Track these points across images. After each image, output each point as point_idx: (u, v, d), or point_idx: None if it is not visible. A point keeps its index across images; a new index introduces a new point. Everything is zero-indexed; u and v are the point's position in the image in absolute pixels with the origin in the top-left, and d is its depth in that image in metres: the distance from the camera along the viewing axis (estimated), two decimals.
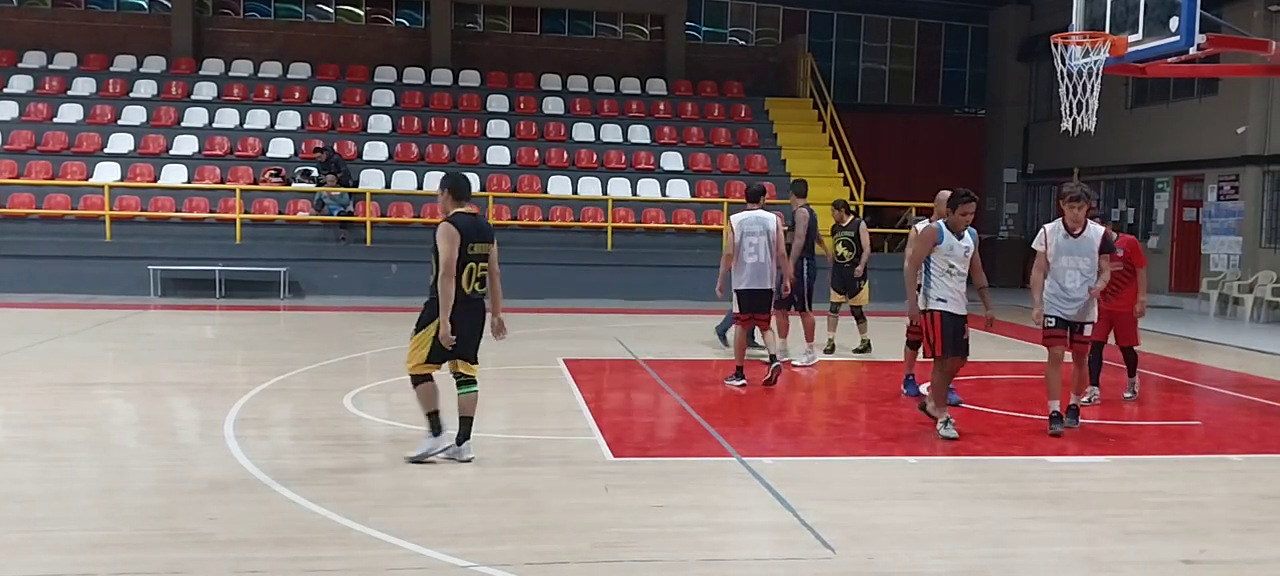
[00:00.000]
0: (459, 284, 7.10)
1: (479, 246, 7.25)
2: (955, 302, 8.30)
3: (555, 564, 5.25)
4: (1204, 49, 11.05)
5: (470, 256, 7.16)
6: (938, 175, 27.69)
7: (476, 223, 7.31)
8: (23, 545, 5.41)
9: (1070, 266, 8.46)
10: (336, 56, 26.09)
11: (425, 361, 7.28)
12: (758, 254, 10.49)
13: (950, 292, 8.29)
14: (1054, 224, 8.68)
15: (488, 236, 7.36)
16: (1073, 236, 8.45)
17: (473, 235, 7.18)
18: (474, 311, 7.28)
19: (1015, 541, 5.83)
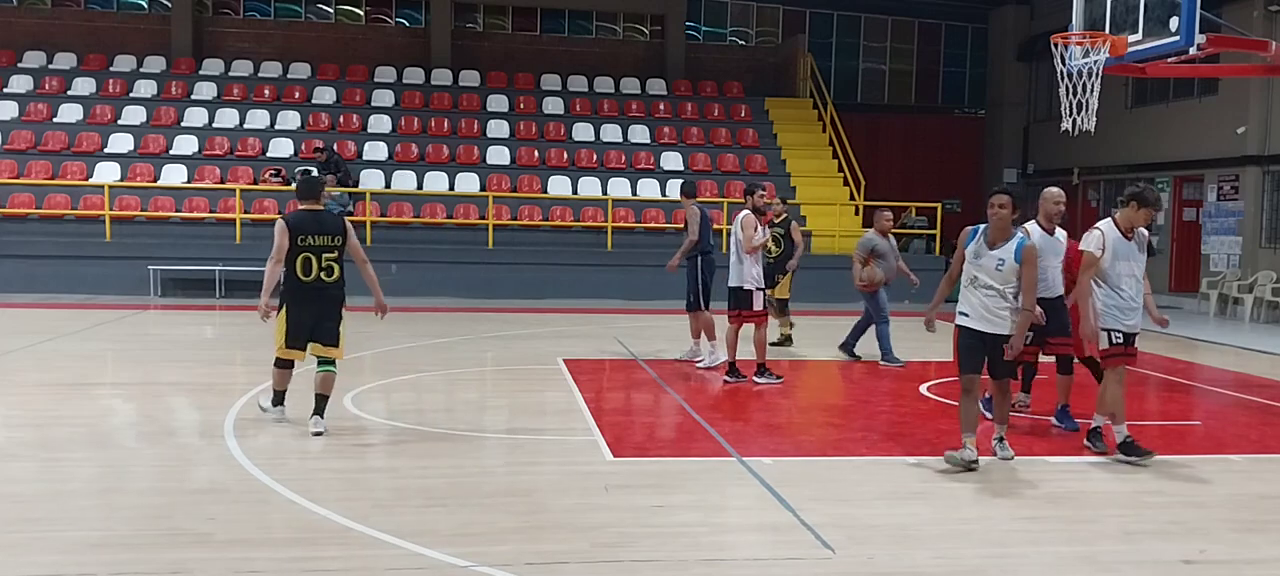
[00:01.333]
0: (297, 273, 7.99)
1: (317, 239, 8.08)
2: (979, 318, 7.26)
3: (555, 564, 5.25)
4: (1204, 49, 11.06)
5: (304, 248, 8.01)
6: (937, 175, 27.82)
7: (316, 218, 8.16)
8: (22, 545, 5.40)
9: (1127, 273, 7.76)
10: (336, 56, 26.10)
11: (285, 345, 8.14)
12: (734, 251, 11.22)
13: (973, 307, 7.29)
14: (1107, 223, 7.87)
15: (330, 230, 8.17)
16: (1126, 239, 7.79)
17: (309, 229, 8.04)
18: (317, 298, 8.11)
19: (1015, 541, 5.83)
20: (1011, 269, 7.13)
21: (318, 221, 8.16)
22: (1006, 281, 7.15)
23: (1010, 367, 7.54)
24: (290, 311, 8.12)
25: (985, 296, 7.22)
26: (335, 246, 8.18)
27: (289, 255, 7.99)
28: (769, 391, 10.60)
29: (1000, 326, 7.20)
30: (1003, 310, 7.20)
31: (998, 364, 7.37)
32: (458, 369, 11.69)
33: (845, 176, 23.08)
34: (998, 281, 7.15)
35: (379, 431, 8.51)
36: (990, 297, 7.20)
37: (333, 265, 8.18)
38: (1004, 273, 7.12)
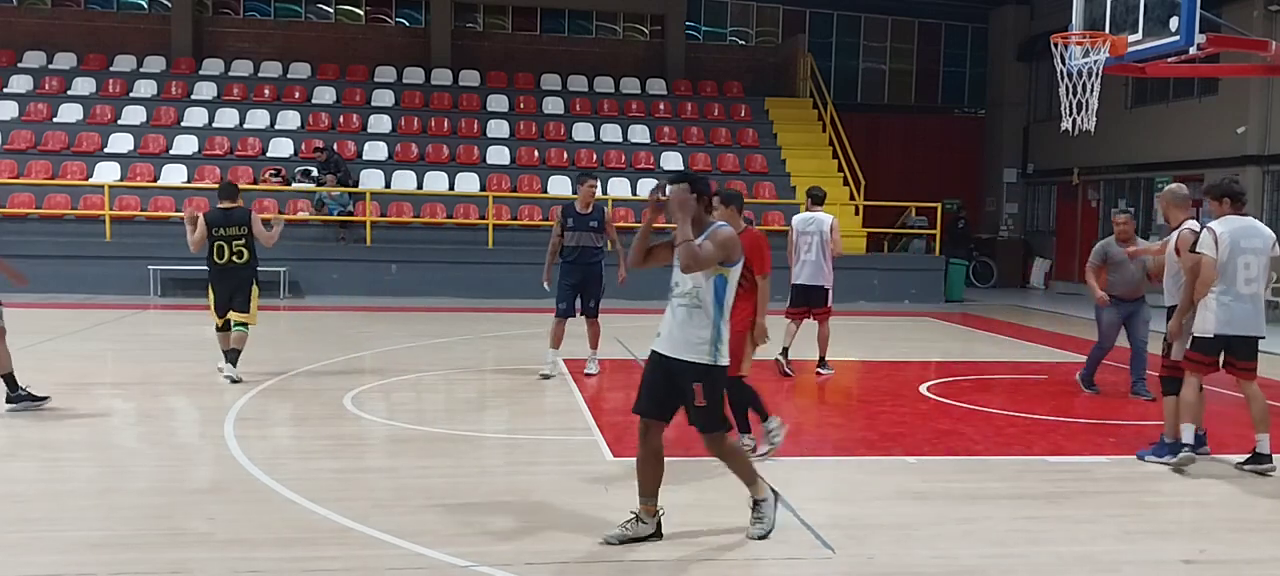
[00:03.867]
0: (213, 257, 10.21)
1: (226, 230, 10.17)
2: None
3: (555, 564, 5.25)
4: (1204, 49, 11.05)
5: (217, 237, 10.16)
6: (937, 175, 27.81)
7: (225, 213, 10.22)
8: (22, 545, 5.40)
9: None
10: (336, 56, 26.10)
11: (216, 315, 10.40)
12: (811, 252, 11.42)
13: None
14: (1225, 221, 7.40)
15: (236, 221, 10.23)
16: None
17: (216, 223, 10.17)
18: (230, 276, 10.25)
19: (1015, 541, 5.83)
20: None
21: (226, 216, 10.22)
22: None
23: None
24: (212, 288, 10.35)
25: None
26: (243, 235, 10.21)
27: (207, 243, 10.18)
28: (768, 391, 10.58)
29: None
30: None
31: None
32: (458, 369, 11.69)
33: (845, 176, 23.07)
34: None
35: (379, 431, 8.51)
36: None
37: (242, 250, 10.23)
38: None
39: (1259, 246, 7.25)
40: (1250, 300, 7.23)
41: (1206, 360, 7.32)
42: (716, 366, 5.47)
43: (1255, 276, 7.20)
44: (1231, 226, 7.28)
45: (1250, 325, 7.27)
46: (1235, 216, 7.38)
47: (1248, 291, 7.20)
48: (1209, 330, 7.24)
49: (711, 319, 5.46)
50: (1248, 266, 7.18)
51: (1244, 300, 7.20)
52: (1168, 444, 7.58)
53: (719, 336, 5.46)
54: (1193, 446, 7.31)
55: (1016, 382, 11.75)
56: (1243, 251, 7.18)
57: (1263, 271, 7.25)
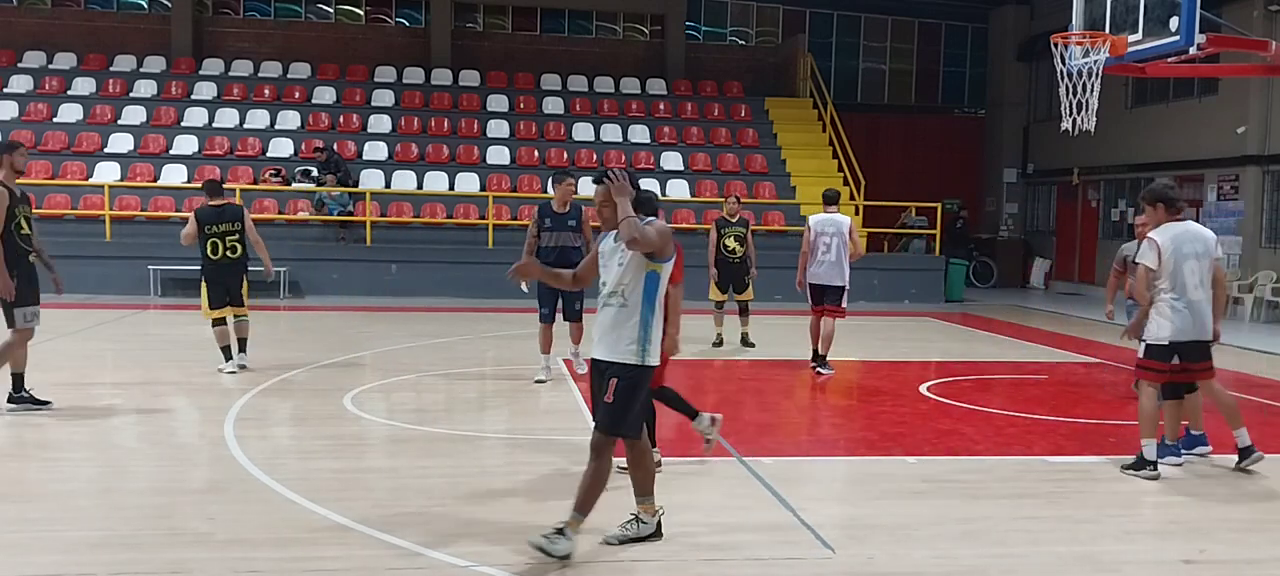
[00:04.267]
0: (208, 254, 10.53)
1: (220, 227, 10.57)
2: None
3: (555, 563, 5.24)
4: (1204, 49, 11.06)
5: (211, 234, 10.53)
6: (937, 175, 27.81)
7: (217, 210, 10.59)
8: (23, 545, 5.41)
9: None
10: (336, 56, 26.10)
11: (211, 309, 10.72)
12: (830, 253, 11.54)
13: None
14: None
15: (228, 218, 10.64)
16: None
17: (210, 220, 10.53)
18: (225, 270, 10.64)
19: (1015, 541, 5.83)
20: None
21: (219, 213, 10.60)
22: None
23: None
24: (210, 284, 10.65)
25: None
26: (237, 231, 10.62)
27: (201, 240, 10.51)
28: (769, 390, 10.61)
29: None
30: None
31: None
32: (458, 369, 11.69)
33: (845, 176, 23.07)
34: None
35: (379, 431, 8.51)
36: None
37: (236, 245, 10.61)
38: None
39: (1201, 250, 7.24)
40: (1201, 305, 7.21)
41: (1163, 367, 7.29)
42: (642, 367, 5.30)
43: (1200, 281, 7.20)
44: (1172, 233, 7.25)
45: (1202, 329, 7.24)
46: (1174, 222, 7.33)
47: (1197, 296, 7.19)
48: (1164, 337, 7.20)
49: (640, 318, 5.30)
50: (1193, 271, 7.17)
51: (1195, 305, 7.18)
52: (1169, 447, 7.56)
53: (648, 336, 5.30)
54: (1154, 462, 7.22)
55: (1016, 382, 11.75)
56: (1186, 257, 7.17)
57: (1207, 274, 7.24)
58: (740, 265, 13.36)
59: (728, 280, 13.42)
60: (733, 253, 13.32)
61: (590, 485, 5.32)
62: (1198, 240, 7.25)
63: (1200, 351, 7.32)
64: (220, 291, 10.67)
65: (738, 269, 13.37)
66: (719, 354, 13.19)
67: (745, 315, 13.61)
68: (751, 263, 13.46)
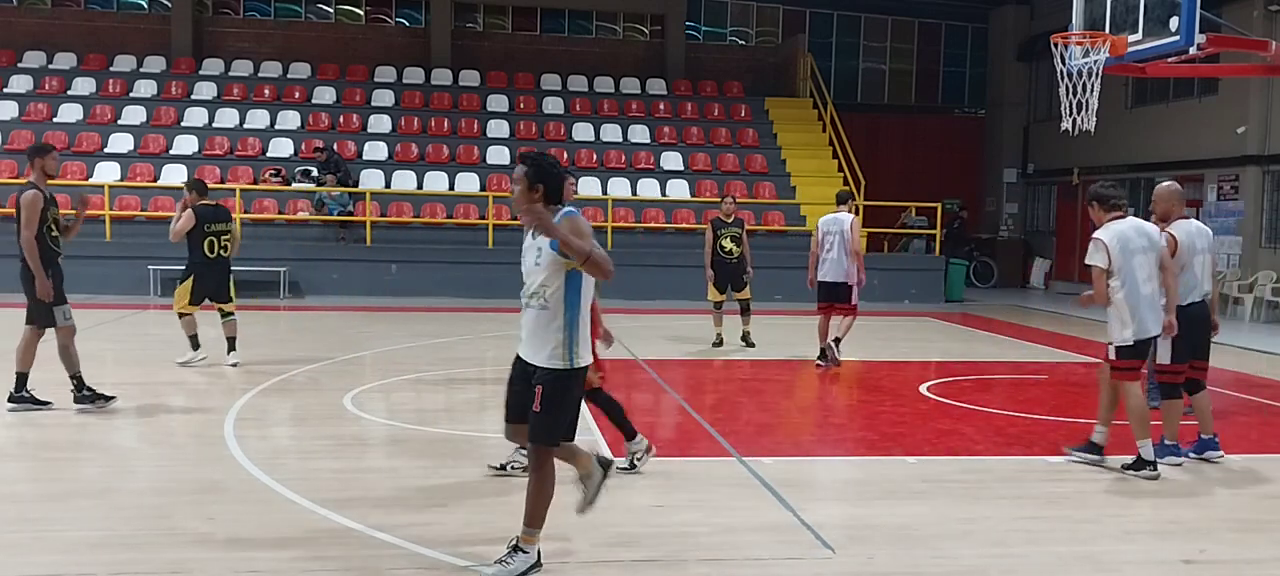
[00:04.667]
0: (204, 250, 10.86)
1: (215, 226, 10.91)
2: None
3: (555, 563, 5.24)
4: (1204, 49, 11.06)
5: (208, 233, 10.84)
6: (937, 175, 27.81)
7: (214, 210, 10.99)
8: (23, 545, 5.40)
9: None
10: (336, 56, 26.09)
11: (191, 303, 11.05)
12: (833, 250, 11.81)
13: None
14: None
15: (223, 217, 11.08)
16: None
17: (209, 219, 10.86)
18: (217, 268, 11.03)
19: (1015, 541, 5.83)
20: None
21: (216, 212, 11.01)
22: None
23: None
24: (197, 279, 10.94)
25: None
26: (228, 230, 11.05)
27: (198, 238, 10.78)
28: (769, 390, 10.62)
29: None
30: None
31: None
32: (458, 369, 11.69)
33: (845, 176, 23.06)
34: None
35: (379, 431, 8.51)
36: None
37: (227, 244, 11.08)
38: None
39: (1145, 245, 7.29)
40: (1152, 300, 7.27)
41: (1136, 364, 7.34)
42: (571, 371, 5.01)
43: (1150, 276, 7.27)
44: (1116, 230, 7.29)
45: (1155, 324, 7.30)
46: (1118, 221, 7.37)
47: (1146, 290, 7.24)
48: (1129, 337, 7.24)
49: (563, 320, 5.00)
50: (1141, 266, 7.23)
51: (1148, 299, 7.24)
52: (1170, 447, 7.55)
53: (573, 338, 5.00)
54: (1152, 462, 7.20)
55: (1016, 382, 11.75)
56: (1133, 253, 7.22)
57: (1155, 270, 7.31)
58: (737, 265, 13.36)
59: (725, 280, 13.42)
60: (730, 253, 13.32)
61: (536, 496, 5.09)
62: (1143, 235, 7.33)
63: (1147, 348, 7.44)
64: (204, 288, 11.01)
65: (735, 269, 13.37)
66: (719, 354, 13.19)
67: (746, 314, 13.59)
68: (748, 263, 13.45)
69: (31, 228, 8.56)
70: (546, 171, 5.02)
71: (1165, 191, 8.00)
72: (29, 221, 8.58)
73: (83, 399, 8.74)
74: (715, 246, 13.34)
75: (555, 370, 4.99)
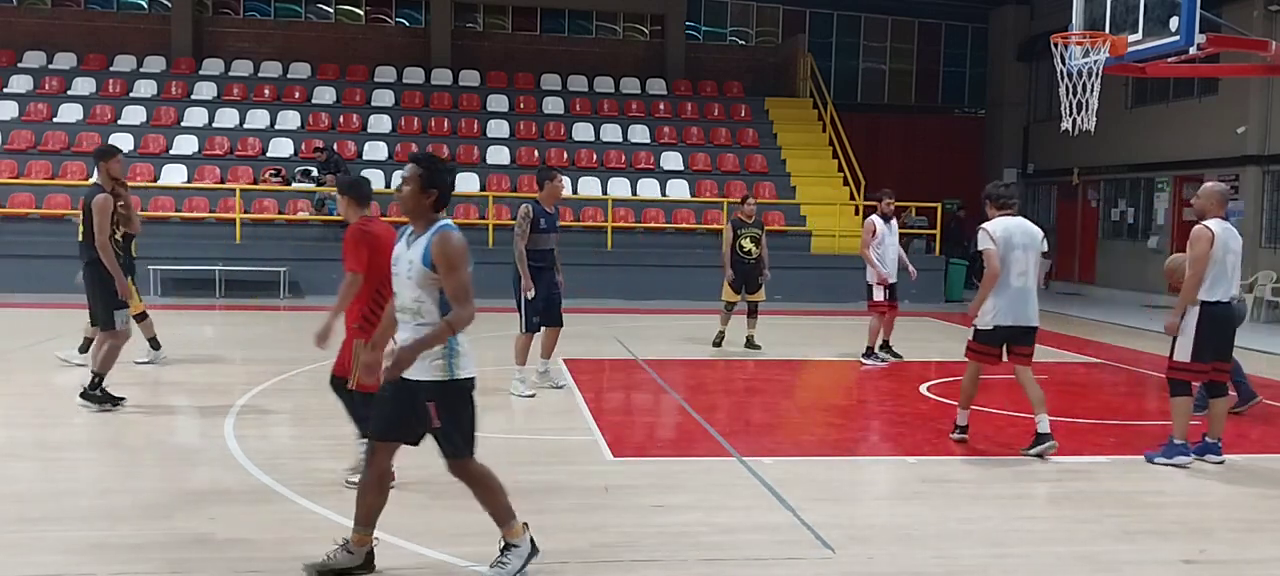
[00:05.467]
0: (120, 243, 9.98)
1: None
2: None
3: (555, 564, 5.24)
4: (1204, 49, 11.06)
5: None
6: (937, 175, 27.81)
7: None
8: (23, 545, 5.40)
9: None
10: (336, 56, 26.09)
11: (139, 300, 10.80)
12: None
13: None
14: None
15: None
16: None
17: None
18: (130, 263, 10.46)
19: (1015, 541, 5.83)
20: None
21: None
22: None
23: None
24: (131, 276, 10.49)
25: None
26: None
27: (112, 229, 10.04)
28: (769, 391, 10.62)
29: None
30: None
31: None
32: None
33: (845, 176, 23.08)
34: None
35: None
36: None
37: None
38: None
39: (1027, 242, 7.79)
40: (1022, 293, 7.76)
41: (987, 350, 7.87)
42: (454, 382, 4.80)
43: (1026, 270, 7.77)
44: (1003, 225, 7.83)
45: (1023, 315, 7.80)
46: (1006, 217, 7.92)
47: (1018, 284, 7.74)
48: (988, 322, 7.77)
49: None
50: (1018, 261, 7.73)
51: (1016, 293, 7.73)
52: (1177, 445, 7.51)
53: (454, 349, 4.77)
54: (965, 426, 7.97)
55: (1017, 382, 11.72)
56: (1013, 248, 7.72)
57: (1032, 266, 7.82)
58: (756, 266, 13.19)
59: (741, 281, 13.22)
60: (749, 253, 13.13)
61: (487, 500, 5.05)
62: (1025, 233, 7.82)
63: (1026, 337, 7.88)
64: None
65: (753, 270, 13.19)
66: (720, 354, 13.18)
67: (753, 317, 13.45)
68: (764, 265, 13.35)
69: (104, 231, 8.81)
70: (439, 175, 4.82)
71: (1206, 191, 7.86)
72: (102, 225, 8.83)
73: (91, 398, 8.71)
74: (735, 246, 13.15)
75: (439, 382, 4.79)
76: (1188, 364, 7.52)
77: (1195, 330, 7.46)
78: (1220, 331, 7.56)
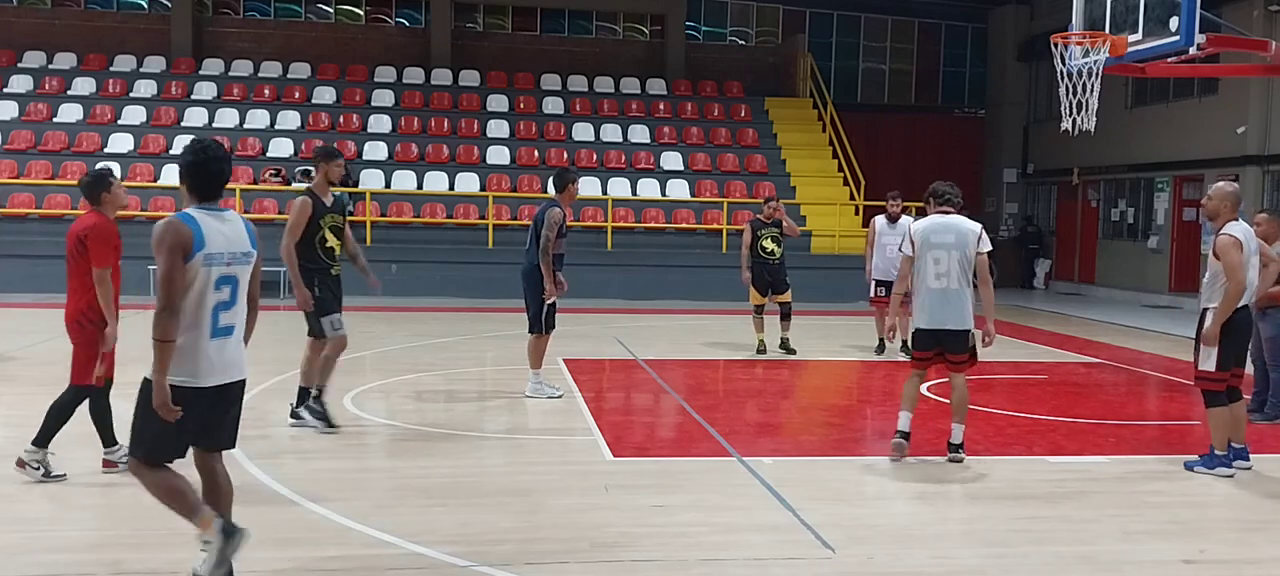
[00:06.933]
0: None
1: None
2: None
3: (555, 564, 5.25)
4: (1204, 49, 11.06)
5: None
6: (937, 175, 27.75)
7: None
8: (22, 545, 5.41)
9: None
10: (336, 56, 26.08)
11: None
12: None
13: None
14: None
15: None
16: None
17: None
18: None
19: (1015, 541, 5.83)
20: None
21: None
22: None
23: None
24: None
25: None
26: None
27: None
28: (769, 391, 10.62)
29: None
30: None
31: None
32: (458, 369, 11.69)
33: (845, 176, 23.08)
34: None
35: (379, 431, 8.51)
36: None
37: None
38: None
39: (950, 242, 7.35)
40: (941, 294, 7.33)
41: (919, 355, 7.57)
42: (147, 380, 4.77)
43: (945, 271, 7.31)
44: (923, 224, 7.53)
45: (944, 317, 7.36)
46: (936, 215, 7.59)
47: (937, 286, 7.33)
48: (916, 325, 7.51)
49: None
50: (937, 261, 7.33)
51: (935, 294, 7.34)
52: (1219, 456, 7.35)
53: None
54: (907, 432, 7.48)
55: (1016, 382, 11.75)
56: (932, 247, 7.37)
57: (954, 266, 7.31)
58: (778, 267, 12.85)
59: (766, 283, 12.86)
60: (771, 254, 12.78)
61: (166, 505, 4.90)
62: (949, 232, 7.40)
63: (954, 341, 7.41)
64: None
65: (776, 271, 12.84)
66: (720, 354, 13.17)
67: (787, 320, 13.03)
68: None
69: (294, 235, 8.14)
70: (186, 166, 4.88)
71: (1219, 192, 7.55)
72: (293, 227, 8.19)
73: (306, 412, 8.18)
74: (756, 247, 12.80)
75: (145, 380, 4.80)
76: (1215, 373, 7.32)
77: (1219, 339, 7.26)
78: (1240, 336, 7.44)
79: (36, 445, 6.63)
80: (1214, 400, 7.35)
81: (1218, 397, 7.34)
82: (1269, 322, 8.81)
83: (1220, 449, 7.37)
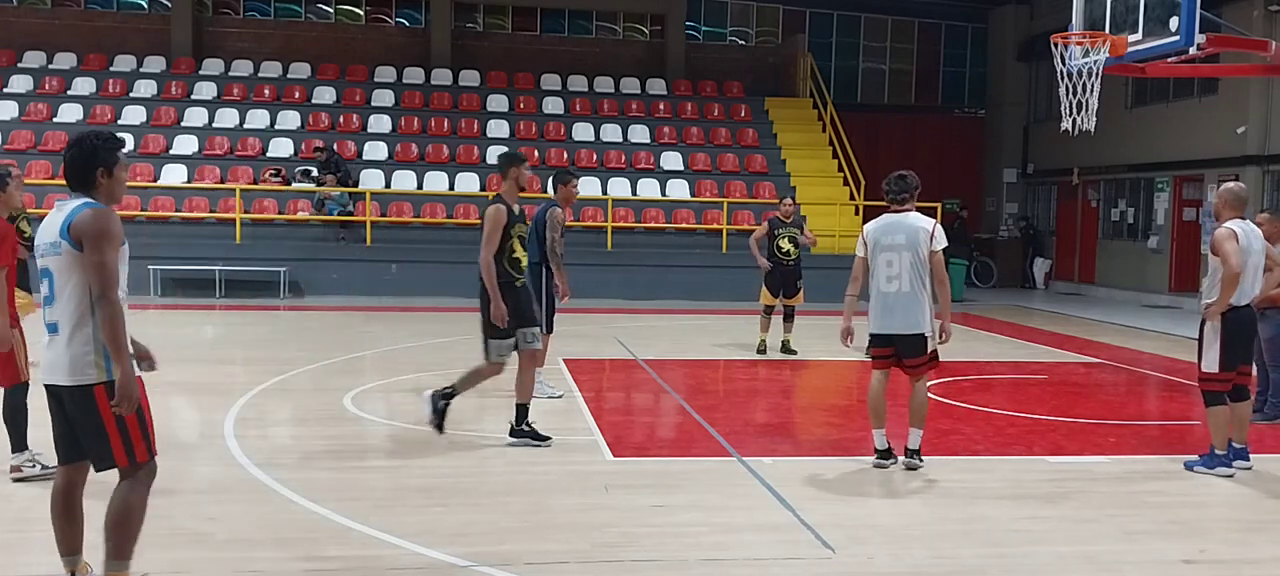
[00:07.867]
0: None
1: None
2: None
3: (555, 564, 5.25)
4: (1204, 49, 11.06)
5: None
6: (938, 175, 27.79)
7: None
8: (22, 545, 5.41)
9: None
10: (336, 56, 26.07)
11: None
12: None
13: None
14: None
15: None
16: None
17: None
18: None
19: (1015, 541, 5.83)
20: None
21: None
22: None
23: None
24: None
25: None
26: None
27: None
28: (769, 391, 10.61)
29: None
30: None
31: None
32: (458, 369, 11.64)
33: (845, 176, 23.07)
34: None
35: (379, 431, 8.51)
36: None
37: None
38: None
39: (900, 243, 7.14)
40: (893, 297, 7.12)
41: (878, 354, 7.34)
42: (111, 382, 4.37)
43: (896, 273, 7.11)
44: (875, 225, 7.35)
45: (895, 322, 7.15)
46: (888, 215, 7.39)
47: (888, 288, 7.14)
48: (870, 329, 7.29)
49: (93, 324, 4.50)
50: (889, 264, 7.14)
51: (886, 297, 7.15)
52: (1219, 456, 7.33)
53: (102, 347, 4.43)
54: (885, 451, 7.27)
55: (1016, 382, 11.75)
56: (883, 249, 7.18)
57: (906, 268, 7.09)
58: (793, 269, 12.67)
59: (778, 284, 12.68)
60: (788, 254, 12.56)
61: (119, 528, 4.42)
62: (899, 231, 7.19)
63: (907, 345, 7.19)
64: None
65: (791, 272, 12.66)
66: (721, 354, 13.17)
67: (790, 321, 12.93)
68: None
69: (492, 246, 7.51)
70: (70, 156, 4.57)
71: (1222, 192, 7.51)
72: (489, 238, 7.51)
73: (520, 433, 7.86)
74: (772, 247, 12.58)
75: (90, 386, 4.34)
76: (1217, 373, 7.30)
77: (1221, 338, 7.24)
78: (1244, 335, 7.42)
79: (17, 452, 6.61)
80: (1214, 400, 7.34)
81: (1218, 397, 7.33)
82: (1269, 323, 8.81)
83: (1220, 448, 7.36)
